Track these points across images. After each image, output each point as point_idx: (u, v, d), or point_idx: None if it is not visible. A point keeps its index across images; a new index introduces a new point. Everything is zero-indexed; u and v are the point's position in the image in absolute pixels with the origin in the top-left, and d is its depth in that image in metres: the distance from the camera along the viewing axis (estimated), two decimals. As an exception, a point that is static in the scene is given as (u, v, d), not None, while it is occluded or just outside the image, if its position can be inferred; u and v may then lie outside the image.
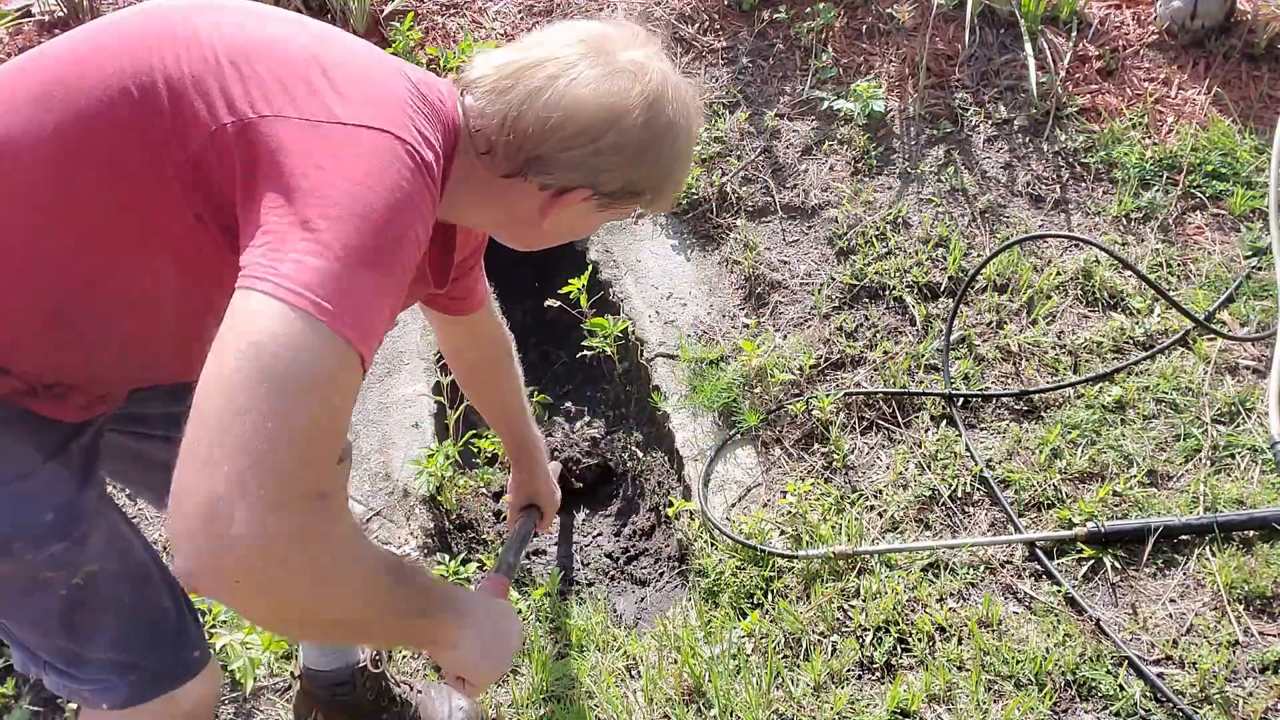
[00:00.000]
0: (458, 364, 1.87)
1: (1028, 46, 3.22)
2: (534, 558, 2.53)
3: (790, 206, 2.97)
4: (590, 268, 2.76)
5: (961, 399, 2.41)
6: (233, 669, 1.90)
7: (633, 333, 2.72)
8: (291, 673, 1.96)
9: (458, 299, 1.61)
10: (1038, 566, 2.05)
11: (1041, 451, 2.25)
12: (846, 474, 2.30)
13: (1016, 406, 2.40)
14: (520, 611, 2.21)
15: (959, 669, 1.87)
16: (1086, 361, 2.47)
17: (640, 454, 2.67)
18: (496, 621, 1.19)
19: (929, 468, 2.27)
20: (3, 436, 1.12)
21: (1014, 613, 1.97)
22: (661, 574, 2.39)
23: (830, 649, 1.94)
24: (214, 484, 0.79)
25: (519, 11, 3.57)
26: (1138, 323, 2.53)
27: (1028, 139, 3.08)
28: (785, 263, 2.82)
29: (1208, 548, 2.02)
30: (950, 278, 2.69)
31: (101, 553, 1.21)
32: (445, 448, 2.41)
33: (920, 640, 1.92)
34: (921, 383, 2.48)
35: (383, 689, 1.84)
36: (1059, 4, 3.36)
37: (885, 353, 2.54)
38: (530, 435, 1.97)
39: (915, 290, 2.68)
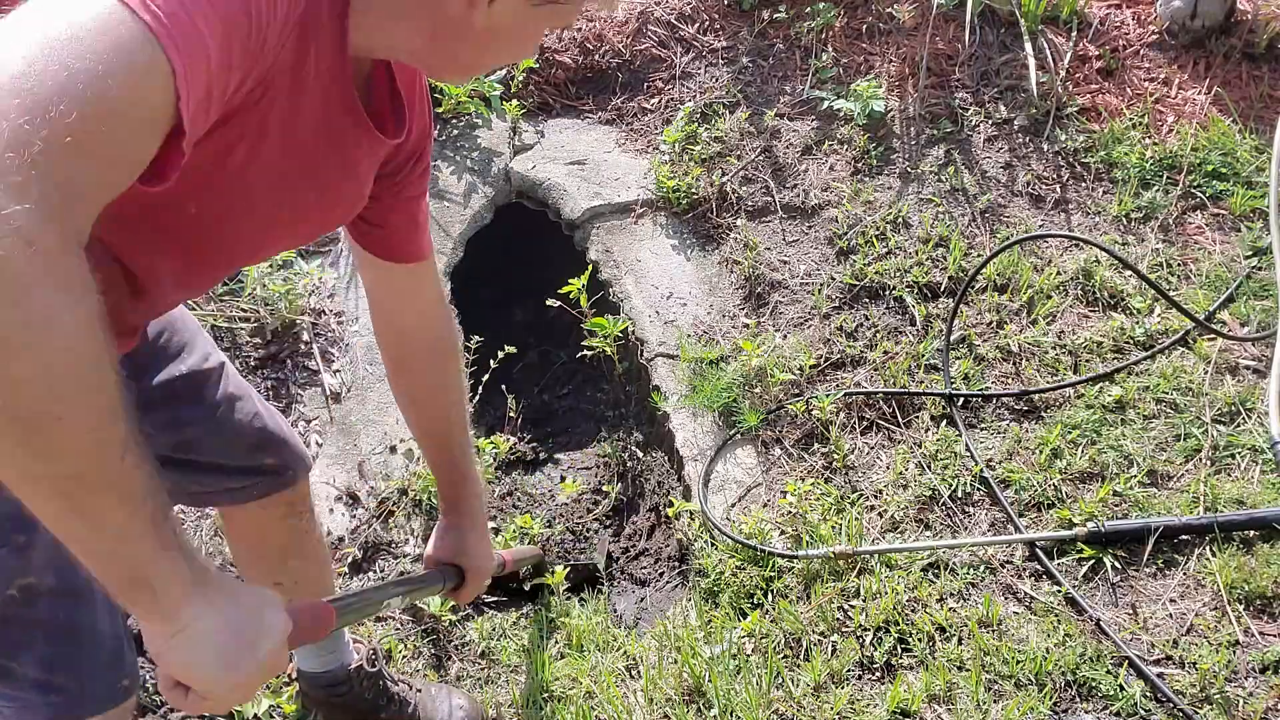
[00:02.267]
0: (387, 339, 1.51)
1: (1028, 46, 3.22)
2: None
3: (790, 206, 2.97)
4: (590, 268, 2.76)
5: (961, 399, 2.41)
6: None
7: (633, 333, 2.72)
8: (289, 674, 1.96)
9: (394, 230, 1.35)
10: (1038, 566, 2.05)
11: (1042, 451, 2.25)
12: (846, 474, 2.30)
13: (1017, 406, 2.40)
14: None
15: (959, 669, 1.87)
16: (1086, 361, 2.47)
17: (640, 454, 2.67)
18: (253, 617, 0.90)
19: (929, 468, 2.27)
20: None
21: (1014, 613, 1.97)
22: (661, 574, 2.39)
23: (830, 649, 1.94)
24: None
25: (519, 11, 3.57)
26: (1138, 323, 2.53)
27: (1028, 139, 3.08)
28: (785, 263, 2.81)
29: (1208, 548, 2.02)
30: (950, 277, 2.69)
31: (42, 566, 1.12)
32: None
33: (920, 640, 1.92)
34: (921, 383, 2.48)
35: (381, 688, 1.84)
36: (1059, 4, 3.36)
37: (885, 353, 2.53)
38: (471, 472, 1.60)
39: (915, 290, 2.68)
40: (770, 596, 2.06)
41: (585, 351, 2.66)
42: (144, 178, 0.78)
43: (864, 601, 2.00)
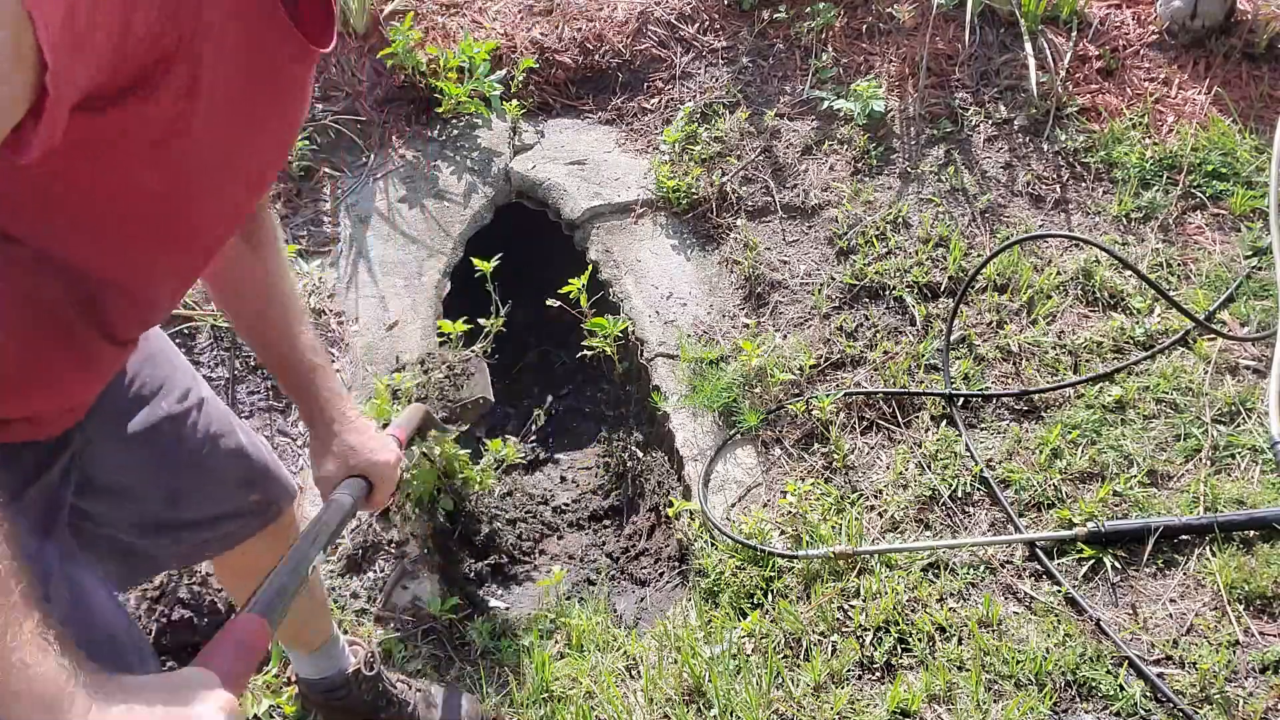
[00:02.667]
0: None
1: (1028, 46, 3.22)
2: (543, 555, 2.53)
3: (790, 206, 2.97)
4: (590, 268, 2.76)
5: (961, 399, 2.41)
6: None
7: (633, 333, 2.72)
8: (287, 677, 1.96)
9: None
10: (1038, 566, 2.05)
11: (1041, 451, 2.25)
12: (846, 474, 2.30)
13: (1016, 406, 2.40)
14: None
15: (959, 669, 1.87)
16: (1086, 361, 2.47)
17: (640, 454, 2.67)
18: (173, 702, 0.82)
19: (929, 468, 2.27)
20: None
21: (1014, 613, 1.97)
22: (661, 574, 2.38)
23: (830, 649, 1.94)
24: None
25: (519, 11, 3.57)
26: (1138, 323, 2.53)
27: (1028, 139, 3.08)
28: (785, 263, 2.81)
29: (1208, 548, 2.02)
30: (950, 277, 2.69)
31: (65, 616, 1.02)
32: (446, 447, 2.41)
33: (920, 640, 1.92)
34: (921, 383, 2.48)
35: (380, 690, 1.83)
36: (1059, 4, 3.36)
37: (885, 353, 2.53)
38: (317, 371, 1.40)
39: (915, 290, 2.68)
40: (770, 596, 2.06)
41: (585, 351, 2.66)
42: (9, 144, 0.70)
43: (864, 601, 2.00)
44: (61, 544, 1.12)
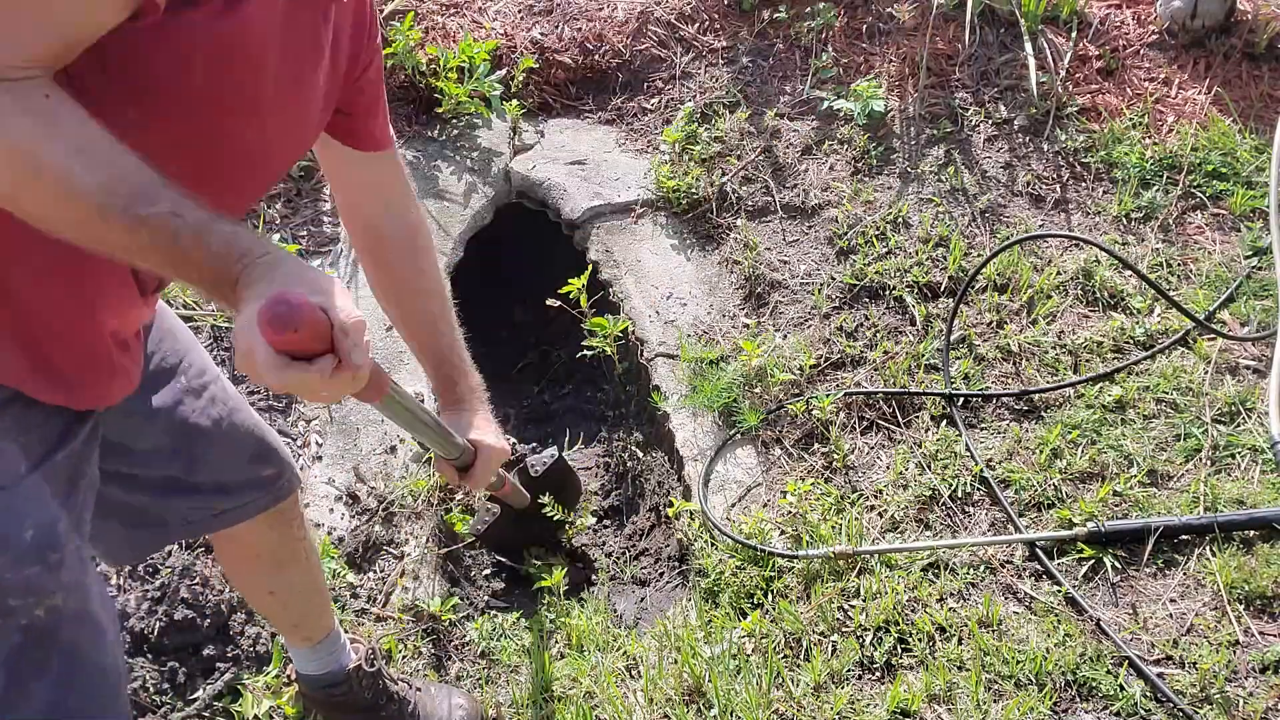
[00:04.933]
0: (360, 234, 1.55)
1: (1028, 46, 3.22)
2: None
3: (790, 206, 2.97)
4: (590, 268, 2.76)
5: (961, 399, 2.41)
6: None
7: (633, 333, 2.72)
8: (288, 675, 1.96)
9: (359, 115, 1.40)
10: (1038, 566, 2.05)
11: (1041, 451, 2.25)
12: (846, 474, 2.30)
13: (1016, 406, 2.40)
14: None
15: (959, 669, 1.87)
16: (1086, 361, 2.47)
17: (640, 454, 2.67)
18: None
19: (929, 468, 2.27)
20: None
21: (1014, 613, 1.97)
22: (661, 574, 2.39)
23: (830, 649, 1.94)
24: None
25: (519, 11, 3.57)
26: (1138, 322, 2.53)
27: (1028, 139, 3.08)
28: (785, 262, 2.81)
29: (1208, 548, 2.02)
30: (950, 277, 2.69)
31: (68, 585, 1.11)
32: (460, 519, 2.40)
33: (920, 640, 1.92)
34: (921, 383, 2.48)
35: (380, 687, 1.83)
36: (1059, 4, 3.36)
37: (885, 352, 2.53)
38: (464, 364, 1.61)
39: (915, 290, 2.68)
40: (770, 596, 2.06)
41: (585, 351, 2.66)
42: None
43: (864, 601, 2.00)
44: (75, 515, 1.16)
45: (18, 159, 0.85)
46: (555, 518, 2.28)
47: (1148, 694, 1.80)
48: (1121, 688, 1.81)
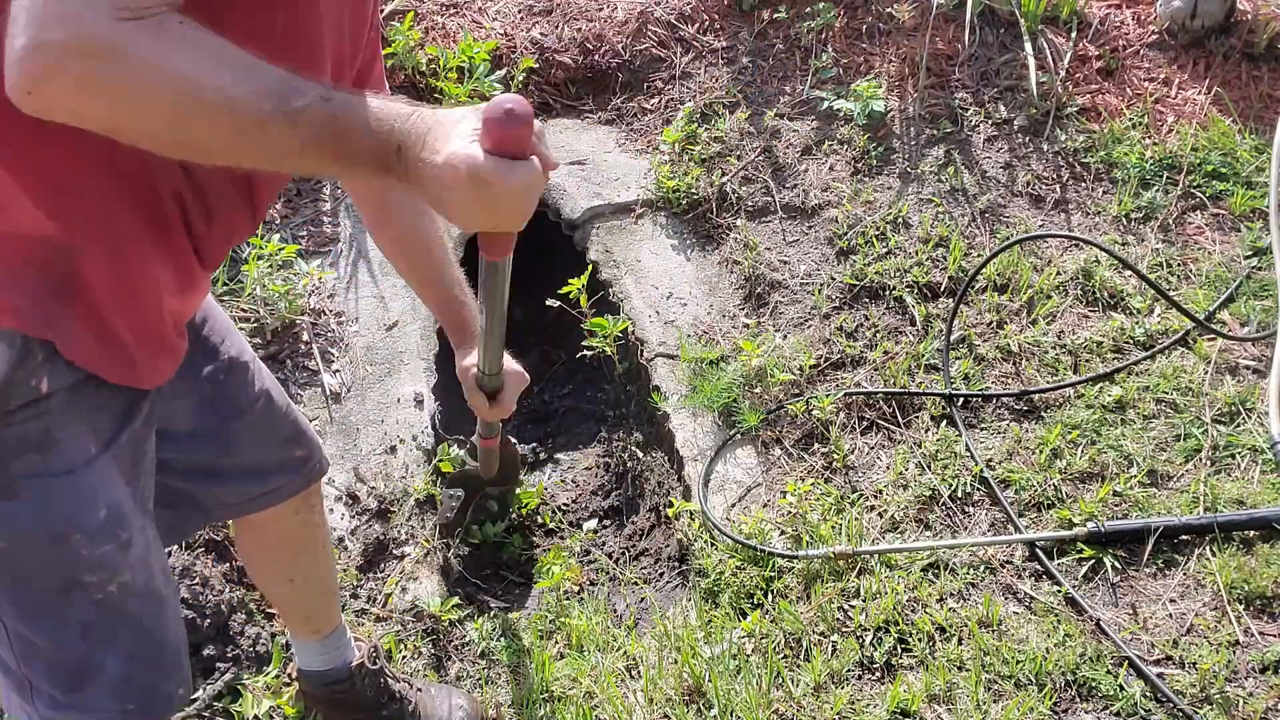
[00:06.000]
0: (364, 193, 1.64)
1: (1028, 46, 3.22)
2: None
3: (790, 206, 2.97)
4: (590, 268, 2.76)
5: (961, 399, 2.41)
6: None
7: (633, 333, 2.72)
8: (289, 674, 1.96)
9: (365, 66, 1.42)
10: (1038, 566, 2.05)
11: (1041, 451, 2.25)
12: (846, 474, 2.30)
13: (1016, 406, 2.40)
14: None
15: (959, 669, 1.87)
16: (1086, 361, 2.47)
17: (640, 454, 2.67)
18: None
19: (929, 468, 2.27)
20: (63, 416, 1.09)
21: (1014, 613, 1.97)
22: (661, 574, 2.39)
23: (830, 649, 1.94)
24: None
25: (519, 11, 3.57)
26: (1138, 323, 2.53)
27: (1028, 139, 3.08)
28: (785, 263, 2.82)
29: (1208, 548, 2.02)
30: (950, 278, 2.69)
31: (135, 563, 1.18)
32: (446, 450, 2.41)
33: (920, 640, 1.92)
34: (921, 383, 2.48)
35: (382, 686, 1.84)
36: (1059, 4, 3.36)
37: (885, 353, 2.54)
38: (471, 302, 1.68)
39: (915, 290, 2.68)
40: (770, 596, 2.06)
41: (585, 351, 2.66)
42: None
43: (864, 601, 2.00)
44: (140, 493, 1.21)
45: (180, 87, 0.86)
46: (512, 490, 2.44)
47: (1148, 694, 1.80)
48: (1121, 688, 1.81)
